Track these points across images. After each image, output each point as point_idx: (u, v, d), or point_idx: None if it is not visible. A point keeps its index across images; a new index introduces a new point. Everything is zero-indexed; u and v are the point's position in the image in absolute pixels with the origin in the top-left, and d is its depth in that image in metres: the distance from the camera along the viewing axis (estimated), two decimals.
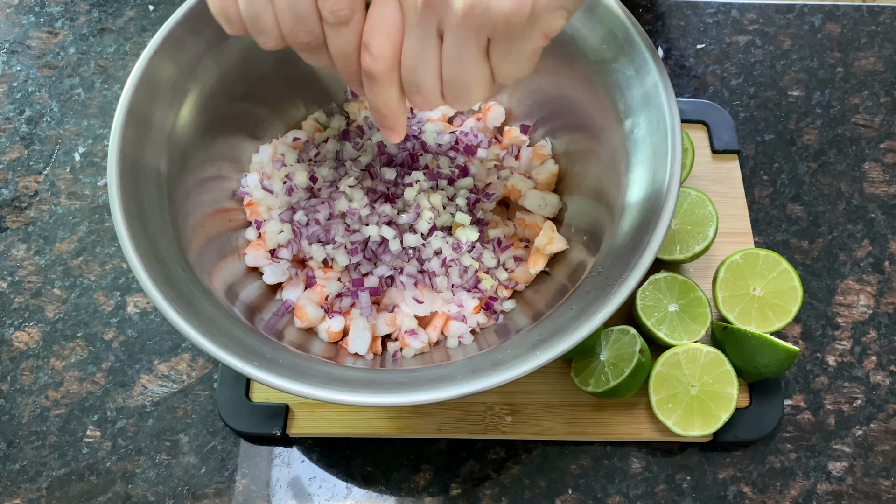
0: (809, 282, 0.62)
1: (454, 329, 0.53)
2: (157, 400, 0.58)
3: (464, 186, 0.57)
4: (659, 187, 0.45)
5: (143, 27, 0.75)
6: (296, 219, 0.55)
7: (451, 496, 0.55)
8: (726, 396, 0.53)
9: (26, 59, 0.73)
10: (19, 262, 0.64)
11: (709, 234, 0.57)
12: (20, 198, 0.67)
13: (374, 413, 0.56)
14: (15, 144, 0.69)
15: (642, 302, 0.56)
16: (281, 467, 0.56)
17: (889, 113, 0.69)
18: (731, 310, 0.56)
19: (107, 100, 0.71)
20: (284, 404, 0.56)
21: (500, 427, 0.56)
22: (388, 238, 0.54)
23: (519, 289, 0.56)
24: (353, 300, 0.53)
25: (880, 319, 0.60)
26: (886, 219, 0.64)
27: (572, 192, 0.57)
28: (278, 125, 0.60)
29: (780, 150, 0.68)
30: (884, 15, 0.75)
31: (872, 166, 0.67)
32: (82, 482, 0.55)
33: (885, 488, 0.55)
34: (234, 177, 0.57)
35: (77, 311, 0.61)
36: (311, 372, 0.43)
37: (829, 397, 0.58)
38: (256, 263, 0.55)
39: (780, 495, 0.55)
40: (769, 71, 0.72)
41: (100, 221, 0.65)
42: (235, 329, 0.45)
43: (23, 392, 0.58)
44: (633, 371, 0.52)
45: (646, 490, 0.55)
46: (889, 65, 0.72)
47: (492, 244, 0.56)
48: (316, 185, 0.57)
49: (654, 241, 0.43)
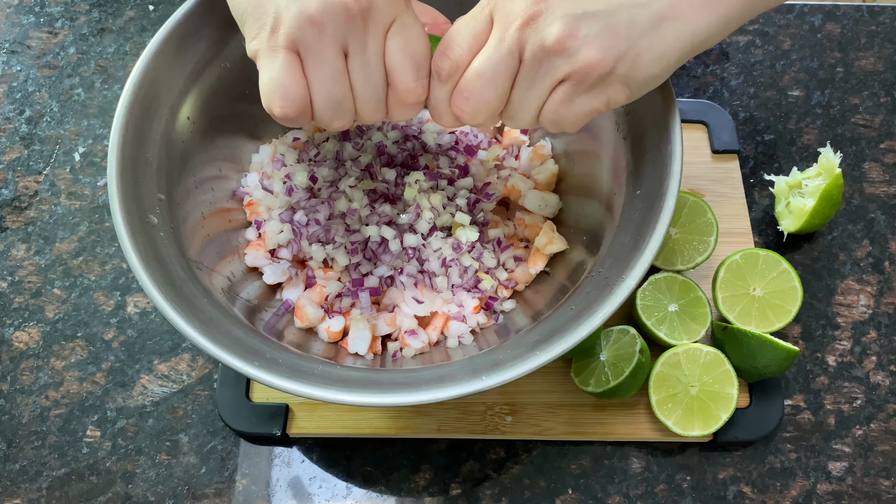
0: (809, 282, 0.62)
1: (454, 329, 0.53)
2: (157, 400, 0.58)
3: (464, 186, 0.57)
4: (659, 187, 0.45)
5: (143, 27, 0.75)
6: (296, 219, 0.55)
7: (451, 496, 0.55)
8: (726, 396, 0.53)
9: (26, 59, 0.73)
10: (19, 262, 0.64)
11: (710, 244, 0.57)
12: (20, 198, 0.67)
13: (374, 413, 0.56)
14: (15, 144, 0.69)
15: (642, 302, 0.56)
16: (281, 467, 0.56)
17: (889, 113, 0.69)
18: (731, 310, 0.56)
19: (107, 100, 0.71)
20: (284, 404, 0.56)
21: (500, 427, 0.56)
22: (388, 238, 0.54)
23: (519, 289, 0.56)
24: (353, 300, 0.53)
25: (880, 319, 0.60)
26: (886, 219, 0.64)
27: (572, 192, 0.57)
28: (278, 125, 0.60)
29: (780, 150, 0.68)
30: (884, 15, 0.74)
31: (872, 166, 0.67)
32: (82, 482, 0.55)
33: (885, 488, 0.55)
34: (234, 177, 0.57)
35: (77, 311, 0.61)
36: (311, 372, 0.43)
37: (829, 397, 0.58)
38: (256, 263, 0.55)
39: (780, 495, 0.55)
40: (769, 71, 0.72)
41: (100, 221, 0.65)
42: (235, 329, 0.45)
43: (23, 392, 0.58)
44: (633, 371, 0.52)
45: (646, 490, 0.55)
46: (889, 65, 0.72)
47: (492, 244, 0.56)
48: (316, 185, 0.57)
49: (654, 242, 0.43)
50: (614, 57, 0.38)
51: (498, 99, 0.41)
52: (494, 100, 0.41)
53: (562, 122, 0.41)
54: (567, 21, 0.37)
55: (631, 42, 0.38)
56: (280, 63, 0.39)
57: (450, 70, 0.41)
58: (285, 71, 0.39)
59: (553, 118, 0.41)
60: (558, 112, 0.41)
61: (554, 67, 0.39)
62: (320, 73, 0.39)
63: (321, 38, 0.38)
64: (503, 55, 0.39)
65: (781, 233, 0.63)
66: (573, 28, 0.37)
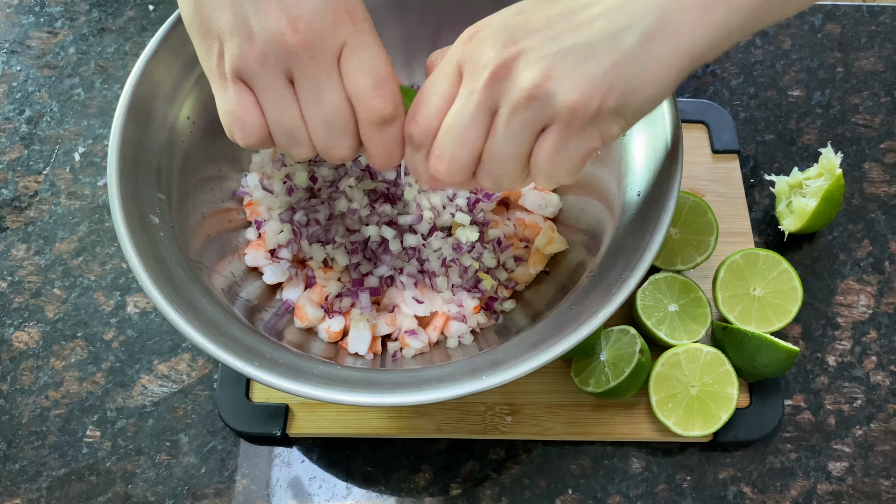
0: (809, 282, 0.62)
1: (454, 329, 0.53)
2: (157, 400, 0.58)
3: None
4: (659, 187, 0.45)
5: (143, 27, 0.75)
6: (296, 219, 0.55)
7: (451, 496, 0.55)
8: (726, 396, 0.53)
9: (26, 59, 0.73)
10: (19, 262, 0.64)
11: (710, 244, 0.57)
12: (20, 198, 0.67)
13: (374, 413, 0.56)
14: (15, 144, 0.69)
15: (642, 302, 0.56)
16: (281, 467, 0.56)
17: (889, 113, 0.69)
18: (732, 310, 0.56)
19: (107, 100, 0.71)
20: (284, 404, 0.56)
21: (500, 427, 0.56)
22: (388, 238, 0.54)
23: (519, 289, 0.56)
24: (353, 300, 0.53)
25: (880, 319, 0.60)
26: (886, 219, 0.64)
27: (572, 192, 0.57)
28: None
29: (780, 150, 0.68)
30: (884, 15, 0.74)
31: (872, 166, 0.67)
32: (82, 482, 0.55)
33: (885, 488, 0.55)
34: (234, 177, 0.57)
35: (77, 311, 0.61)
36: (311, 372, 0.43)
37: (830, 397, 0.58)
38: (256, 263, 0.55)
39: (780, 495, 0.55)
40: (769, 71, 0.72)
41: (100, 221, 0.65)
42: (235, 329, 0.45)
43: (23, 392, 0.58)
44: (633, 371, 0.52)
45: (646, 490, 0.55)
46: (889, 65, 0.72)
47: (492, 244, 0.56)
48: (316, 185, 0.57)
49: (654, 242, 0.43)
50: (601, 92, 0.34)
51: (470, 155, 0.38)
52: (467, 157, 0.38)
53: (557, 173, 0.38)
54: (542, 63, 0.34)
55: (617, 71, 0.34)
56: (232, 94, 0.39)
57: (420, 136, 0.38)
58: (238, 103, 0.39)
59: (546, 170, 0.37)
60: (551, 161, 0.37)
61: (533, 116, 0.35)
62: (269, 104, 0.39)
63: (264, 70, 0.37)
64: (472, 112, 0.36)
65: (782, 233, 0.63)
66: (549, 69, 0.34)
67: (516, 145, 0.37)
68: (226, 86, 0.39)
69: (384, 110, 0.38)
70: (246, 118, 0.39)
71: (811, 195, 0.59)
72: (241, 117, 0.39)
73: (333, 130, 0.39)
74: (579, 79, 0.34)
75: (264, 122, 0.39)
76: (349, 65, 0.38)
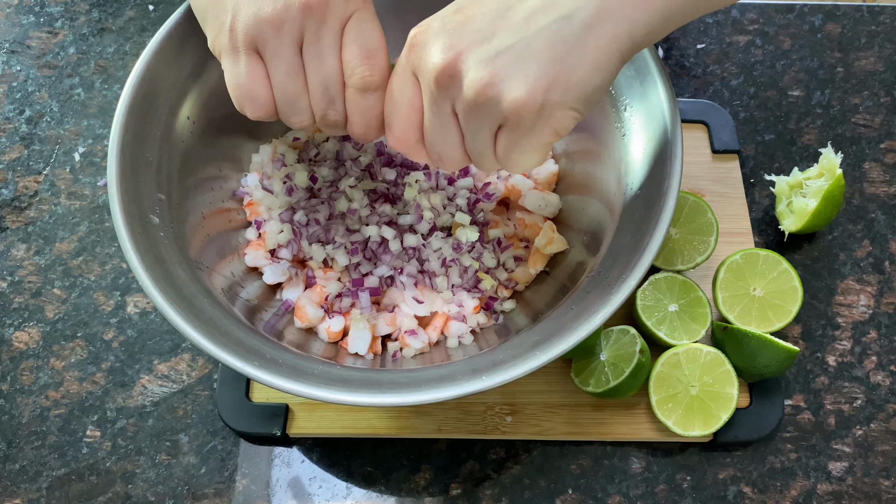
0: (809, 282, 0.62)
1: (454, 329, 0.53)
2: (157, 400, 0.58)
3: (464, 186, 0.57)
4: (659, 187, 0.45)
5: (143, 27, 0.75)
6: (296, 219, 0.55)
7: (451, 496, 0.55)
8: (726, 396, 0.53)
9: (26, 59, 0.73)
10: (19, 262, 0.64)
11: (710, 244, 0.57)
12: (20, 198, 0.67)
13: (374, 413, 0.56)
14: (15, 144, 0.69)
15: (642, 302, 0.56)
16: (281, 467, 0.56)
17: (889, 113, 0.69)
18: (732, 310, 0.56)
19: (107, 100, 0.71)
20: (284, 404, 0.56)
21: (500, 427, 0.56)
22: (388, 238, 0.54)
23: (519, 289, 0.56)
24: (353, 300, 0.53)
25: (880, 319, 0.60)
26: (886, 219, 0.64)
27: (572, 191, 0.57)
28: (278, 125, 0.60)
29: (780, 150, 0.68)
30: (884, 15, 0.74)
31: (872, 166, 0.67)
32: (82, 482, 0.55)
33: (885, 488, 0.55)
34: (234, 177, 0.57)
35: (77, 311, 0.61)
36: (311, 372, 0.43)
37: (830, 397, 0.58)
38: (256, 263, 0.55)
39: (780, 495, 0.55)
40: (769, 71, 0.72)
41: (100, 221, 0.65)
42: (235, 329, 0.45)
43: (23, 392, 0.58)
44: (633, 371, 0.52)
45: (646, 490, 0.55)
46: (889, 65, 0.72)
47: (492, 244, 0.56)
48: (316, 185, 0.57)
49: (654, 242, 0.43)
50: (542, 88, 0.35)
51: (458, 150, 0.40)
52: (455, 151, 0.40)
53: (519, 167, 0.40)
54: (482, 67, 0.35)
55: (557, 67, 0.35)
56: (243, 66, 0.40)
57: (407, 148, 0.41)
58: (249, 75, 0.40)
59: (508, 165, 0.40)
60: (510, 159, 0.39)
61: (485, 119, 0.37)
62: (277, 71, 0.40)
63: (278, 35, 0.39)
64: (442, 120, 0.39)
65: (782, 233, 0.63)
66: (490, 73, 0.35)
67: (481, 144, 0.39)
68: (237, 59, 0.40)
69: (368, 78, 0.40)
70: (256, 90, 0.41)
71: (811, 195, 0.59)
72: (251, 90, 0.41)
73: (329, 94, 0.41)
74: (520, 80, 0.35)
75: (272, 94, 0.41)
76: (349, 34, 0.41)
